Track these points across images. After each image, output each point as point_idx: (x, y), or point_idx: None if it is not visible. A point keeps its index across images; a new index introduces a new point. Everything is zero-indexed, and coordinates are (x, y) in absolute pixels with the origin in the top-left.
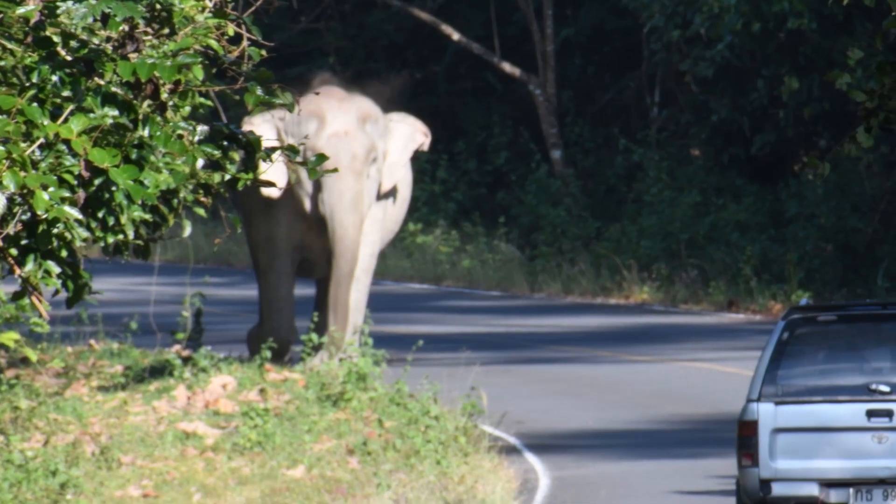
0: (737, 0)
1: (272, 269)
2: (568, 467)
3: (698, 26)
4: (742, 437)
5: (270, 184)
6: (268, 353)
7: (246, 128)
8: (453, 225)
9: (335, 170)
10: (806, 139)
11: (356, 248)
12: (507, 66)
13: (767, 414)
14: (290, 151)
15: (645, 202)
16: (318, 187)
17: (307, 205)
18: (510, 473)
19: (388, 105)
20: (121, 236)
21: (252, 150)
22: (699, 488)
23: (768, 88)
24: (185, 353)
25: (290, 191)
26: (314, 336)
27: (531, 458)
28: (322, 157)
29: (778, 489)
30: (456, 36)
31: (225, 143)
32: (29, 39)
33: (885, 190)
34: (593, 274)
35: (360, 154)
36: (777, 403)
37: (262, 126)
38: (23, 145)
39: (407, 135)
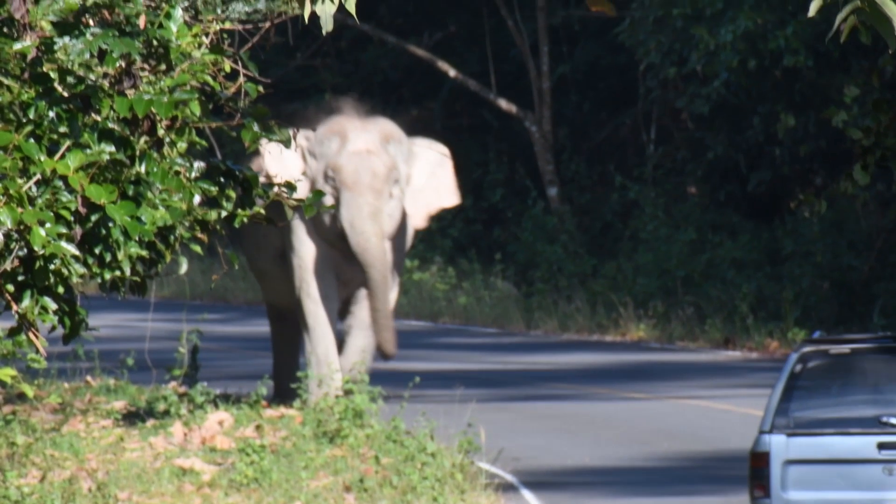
0: (733, 37)
1: (309, 297)
2: None
3: (694, 63)
4: (754, 468)
5: (270, 220)
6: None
7: (269, 151)
8: (449, 262)
9: (332, 207)
10: (802, 176)
11: (383, 254)
12: (503, 103)
13: (779, 445)
14: (287, 188)
15: (641, 239)
16: (338, 206)
17: (327, 222)
18: None
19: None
20: (117, 272)
21: (249, 186)
22: None
23: (764, 125)
24: (182, 389)
25: (319, 220)
26: (310, 372)
27: (528, 496)
28: (319, 194)
29: None
30: (452, 72)
31: (222, 179)
32: (26, 75)
33: (882, 228)
34: (589, 311)
35: (380, 172)
36: (789, 435)
37: (285, 150)
38: (19, 181)
39: (434, 162)
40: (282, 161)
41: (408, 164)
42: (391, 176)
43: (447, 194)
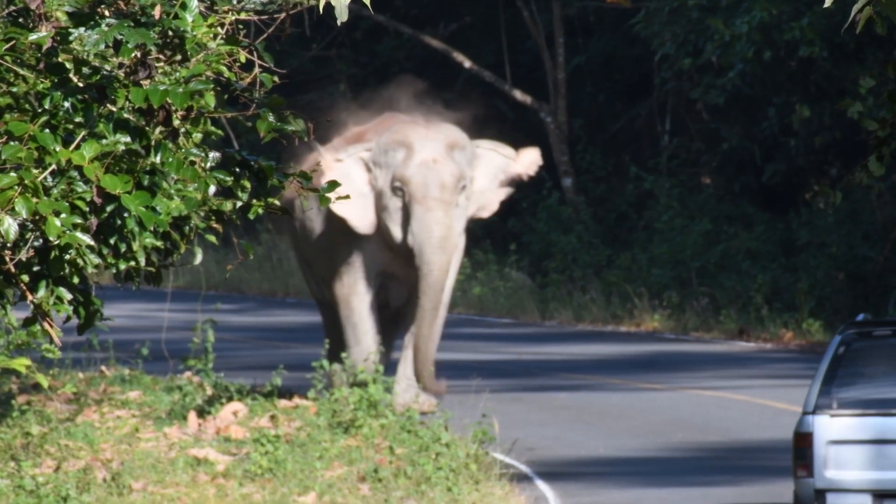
0: (748, 28)
1: (355, 294)
2: (578, 495)
3: (709, 54)
4: (798, 448)
5: (285, 210)
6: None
7: (335, 165)
8: (464, 252)
9: (347, 196)
10: (817, 168)
11: (443, 286)
12: (518, 94)
13: (822, 426)
14: (303, 178)
15: (656, 230)
16: (406, 218)
17: (397, 235)
18: (521, 501)
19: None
20: (132, 263)
21: (264, 177)
22: None
23: (779, 117)
24: (197, 379)
25: (388, 233)
26: (325, 363)
27: (542, 486)
28: (333, 185)
29: (832, 500)
30: (467, 63)
31: (237, 169)
32: (41, 66)
33: None
34: (604, 302)
35: (449, 183)
36: (832, 416)
37: (349, 161)
38: (35, 172)
39: (498, 164)
40: (347, 173)
41: (471, 168)
42: (459, 185)
43: (500, 195)
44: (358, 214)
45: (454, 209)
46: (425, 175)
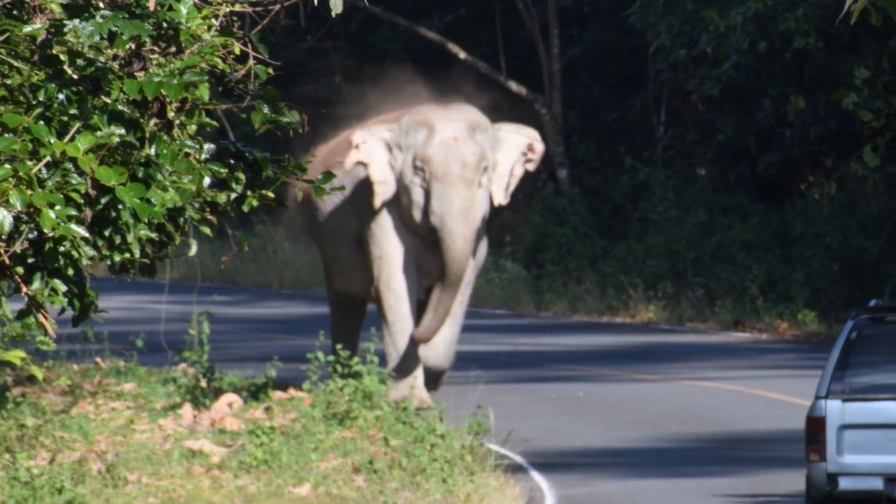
0: (743, 19)
1: (389, 290)
2: (573, 486)
3: (704, 45)
4: (810, 432)
5: (279, 202)
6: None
7: (359, 146)
8: None
9: (342, 188)
10: (812, 158)
11: (467, 257)
12: (513, 85)
13: (835, 411)
14: (298, 170)
15: (651, 221)
16: (428, 198)
17: (417, 216)
18: (516, 492)
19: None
20: (127, 255)
21: (259, 168)
22: None
23: (774, 108)
24: (192, 371)
25: (399, 205)
26: (320, 354)
27: (537, 477)
28: (329, 175)
29: (844, 483)
30: (462, 55)
31: (232, 161)
32: (35, 58)
33: (892, 209)
34: (599, 293)
35: (470, 162)
36: (844, 401)
37: (370, 142)
38: (29, 163)
39: (520, 146)
40: (370, 154)
41: (494, 151)
42: (480, 165)
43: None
44: (379, 192)
45: (476, 188)
46: (446, 154)
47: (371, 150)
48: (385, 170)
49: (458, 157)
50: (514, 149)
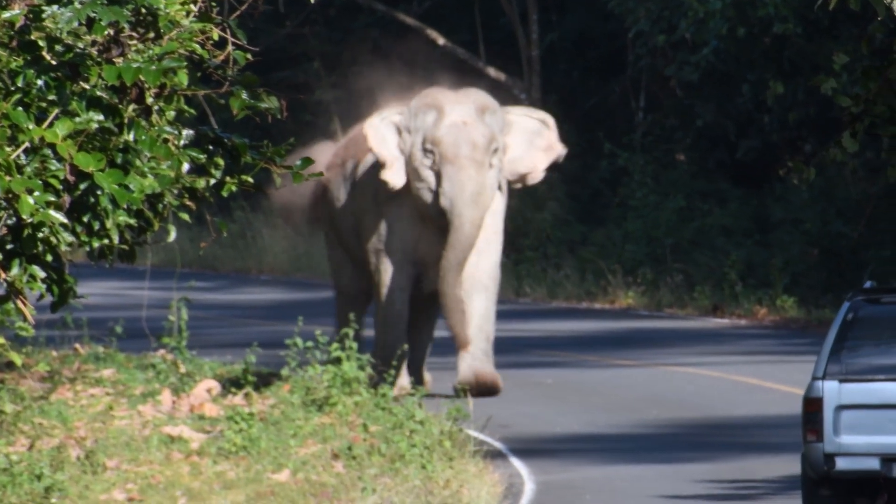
0: (722, 5)
1: (384, 285)
2: (553, 472)
3: (683, 31)
4: (807, 413)
5: (258, 188)
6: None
7: (367, 129)
8: None
9: (320, 174)
10: (791, 144)
11: (472, 242)
12: (492, 71)
13: (832, 391)
14: (276, 156)
15: (630, 206)
16: (438, 180)
17: (427, 198)
18: (495, 478)
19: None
20: (106, 240)
21: (237, 154)
22: (684, 493)
23: (753, 93)
24: (170, 357)
25: (404, 194)
26: (299, 340)
27: (516, 463)
28: (308, 161)
29: (841, 463)
30: (441, 41)
31: (210, 147)
32: (14, 44)
33: (871, 195)
34: (578, 278)
35: (480, 143)
36: (841, 381)
37: (381, 126)
38: (8, 150)
39: (532, 130)
40: (381, 137)
41: (503, 134)
42: (490, 147)
43: (543, 161)
44: (391, 175)
45: (487, 170)
46: (456, 136)
47: (382, 132)
48: (395, 152)
49: (467, 138)
50: (524, 131)
